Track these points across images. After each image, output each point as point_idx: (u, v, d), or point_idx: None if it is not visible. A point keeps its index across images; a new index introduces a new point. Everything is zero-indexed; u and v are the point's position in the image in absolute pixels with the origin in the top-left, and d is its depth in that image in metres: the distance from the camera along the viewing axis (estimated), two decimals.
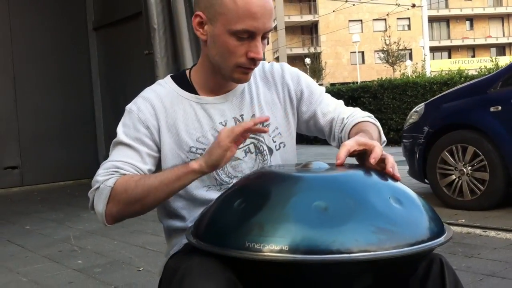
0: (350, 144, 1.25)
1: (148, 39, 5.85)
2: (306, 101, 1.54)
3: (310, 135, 1.62)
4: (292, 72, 1.56)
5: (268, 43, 1.42)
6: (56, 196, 7.11)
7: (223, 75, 1.41)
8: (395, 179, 1.21)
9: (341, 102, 1.59)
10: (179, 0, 5.56)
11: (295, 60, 50.04)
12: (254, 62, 1.36)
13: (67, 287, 3.11)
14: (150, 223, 4.52)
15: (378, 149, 1.24)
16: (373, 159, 1.22)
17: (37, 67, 8.18)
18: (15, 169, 8.06)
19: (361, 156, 1.28)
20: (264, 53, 1.42)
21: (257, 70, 1.53)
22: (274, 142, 1.50)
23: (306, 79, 1.57)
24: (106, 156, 5.73)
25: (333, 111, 1.54)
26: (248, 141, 1.46)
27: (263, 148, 1.48)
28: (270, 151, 1.49)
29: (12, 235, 4.65)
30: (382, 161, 1.24)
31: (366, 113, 1.55)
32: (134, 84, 7.35)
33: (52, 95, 8.26)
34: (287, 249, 1.05)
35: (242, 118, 1.47)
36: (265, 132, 1.38)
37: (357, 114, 1.53)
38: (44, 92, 8.21)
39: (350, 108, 1.57)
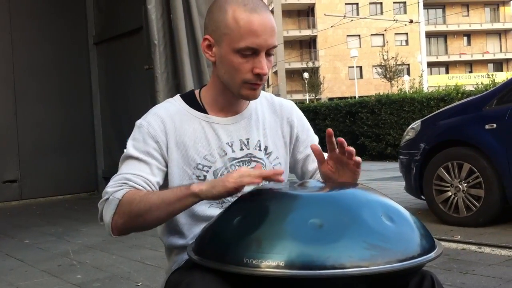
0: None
1: (149, 54, 5.91)
2: (303, 143, 1.64)
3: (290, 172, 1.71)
4: (299, 113, 1.67)
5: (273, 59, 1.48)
6: (55, 210, 7.13)
7: (233, 92, 1.47)
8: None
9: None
10: (180, 16, 5.64)
11: (293, 75, 50.29)
12: (260, 77, 1.42)
13: None
14: (148, 237, 4.55)
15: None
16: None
17: (37, 80, 8.23)
18: (14, 183, 8.07)
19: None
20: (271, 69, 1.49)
21: (265, 101, 1.63)
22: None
23: (308, 124, 1.69)
24: (105, 170, 5.84)
25: None
26: (252, 164, 1.52)
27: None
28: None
29: (11, 249, 4.67)
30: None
31: None
32: (134, 99, 7.41)
33: (52, 108, 8.30)
34: (283, 264, 1.09)
35: (248, 142, 1.53)
36: (280, 181, 1.32)
37: None
38: (44, 105, 8.25)
39: None
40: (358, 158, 1.41)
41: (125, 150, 1.49)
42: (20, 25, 8.13)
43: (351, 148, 1.40)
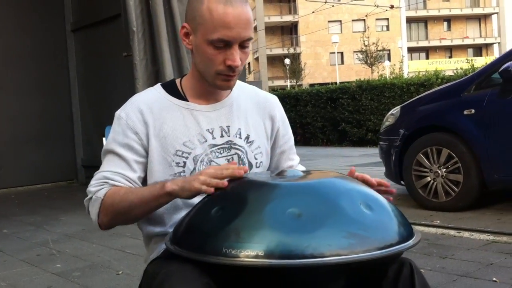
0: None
1: (127, 41, 5.84)
2: (282, 139, 1.67)
3: None
4: (281, 109, 1.69)
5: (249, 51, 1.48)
6: (34, 199, 7.06)
7: (208, 82, 1.47)
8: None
9: (299, 159, 1.76)
10: (159, 2, 5.57)
11: (274, 61, 50.21)
12: (232, 69, 1.42)
13: None
14: (128, 226, 4.51)
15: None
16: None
17: (14, 68, 8.11)
18: None
19: None
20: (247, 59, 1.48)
21: (249, 92, 1.63)
22: (256, 159, 1.57)
23: (287, 121, 1.71)
24: (84, 159, 5.80)
25: (295, 163, 1.72)
26: (232, 151, 1.52)
27: (245, 160, 1.54)
28: (250, 166, 1.55)
29: None
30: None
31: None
32: (113, 86, 7.34)
33: (30, 97, 8.19)
34: (263, 254, 1.09)
35: (228, 129, 1.53)
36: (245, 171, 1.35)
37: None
38: (21, 94, 8.14)
39: (300, 166, 1.74)
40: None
41: (105, 142, 1.50)
42: None
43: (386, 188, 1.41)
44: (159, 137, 1.47)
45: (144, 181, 1.50)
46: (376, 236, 1.15)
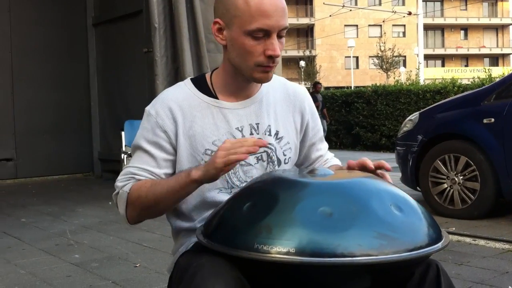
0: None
1: (148, 37, 5.90)
2: (312, 132, 1.67)
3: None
4: (310, 101, 1.68)
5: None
6: (50, 190, 7.14)
7: (245, 76, 1.47)
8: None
9: (327, 145, 1.77)
10: (181, 0, 5.62)
11: (289, 63, 50.11)
12: (272, 59, 1.42)
13: (65, 281, 3.15)
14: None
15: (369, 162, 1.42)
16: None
17: (35, 60, 8.20)
18: (10, 161, 8.08)
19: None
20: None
21: (279, 85, 1.62)
22: (285, 155, 1.57)
23: (317, 113, 1.71)
24: (100, 152, 5.88)
25: (323, 152, 1.72)
26: (261, 149, 1.51)
27: (274, 157, 1.55)
28: (279, 162, 1.55)
29: (8, 227, 4.68)
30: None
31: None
32: (132, 81, 7.40)
33: (49, 89, 8.28)
34: (294, 251, 1.11)
35: (258, 127, 1.53)
36: (264, 145, 1.38)
37: (332, 160, 1.74)
38: (41, 86, 8.23)
39: (329, 153, 1.76)
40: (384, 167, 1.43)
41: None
42: (19, 3, 8.09)
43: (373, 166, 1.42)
44: (188, 135, 1.48)
45: None
46: (406, 238, 1.16)
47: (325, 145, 1.73)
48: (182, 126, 1.48)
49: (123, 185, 1.46)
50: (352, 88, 16.30)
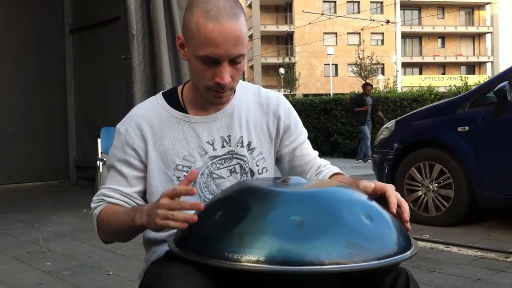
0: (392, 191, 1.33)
1: (126, 44, 5.88)
2: (290, 136, 1.61)
3: (275, 166, 1.67)
4: (286, 105, 1.62)
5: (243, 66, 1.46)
6: (24, 197, 7.05)
7: (200, 96, 1.47)
8: (405, 228, 1.30)
9: (317, 153, 1.70)
10: (159, 8, 5.61)
11: (269, 70, 50.33)
12: (221, 86, 1.38)
13: None
14: None
15: (394, 198, 1.32)
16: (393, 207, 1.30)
17: (10, 66, 8.10)
18: None
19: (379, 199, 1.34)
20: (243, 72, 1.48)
21: (252, 95, 1.60)
22: (257, 166, 1.55)
23: (296, 116, 1.65)
24: (76, 159, 5.82)
25: (312, 158, 1.65)
26: (234, 161, 1.52)
27: (247, 169, 1.54)
28: (252, 173, 1.54)
29: None
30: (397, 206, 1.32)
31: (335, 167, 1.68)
32: (109, 88, 7.35)
33: (25, 95, 8.18)
34: (264, 260, 1.11)
35: (229, 139, 1.52)
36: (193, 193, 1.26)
37: (331, 166, 1.67)
38: (16, 92, 8.13)
39: (323, 160, 1.69)
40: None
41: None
42: None
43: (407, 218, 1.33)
44: (159, 151, 1.48)
45: (144, 194, 1.52)
46: (375, 247, 1.17)
47: (314, 152, 1.67)
48: (152, 143, 1.48)
49: (95, 206, 1.50)
50: (331, 96, 16.37)
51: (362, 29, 34.76)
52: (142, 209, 1.32)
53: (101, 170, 5.81)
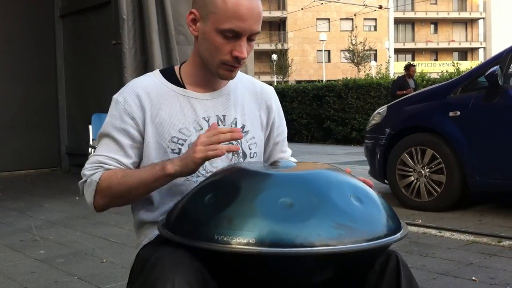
0: None
1: (117, 29, 5.82)
2: (276, 131, 1.70)
3: None
4: (277, 100, 1.72)
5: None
6: (17, 185, 7.02)
7: (210, 70, 1.49)
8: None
9: (291, 151, 1.81)
10: None
11: (262, 56, 50.12)
12: (238, 60, 1.44)
13: (30, 277, 3.10)
14: (113, 215, 4.52)
15: None
16: None
17: (0, 52, 8.03)
18: None
19: None
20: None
21: (247, 83, 1.66)
22: (250, 149, 1.58)
23: (282, 113, 1.74)
24: (68, 146, 5.77)
25: (287, 155, 1.76)
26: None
27: (240, 150, 1.55)
28: (245, 155, 1.57)
29: None
30: None
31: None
32: (100, 74, 7.30)
33: (15, 82, 8.11)
34: (254, 242, 1.12)
35: (224, 118, 1.55)
36: (240, 138, 1.41)
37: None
38: (6, 78, 8.07)
39: (293, 158, 1.78)
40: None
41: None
42: None
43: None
44: (155, 123, 1.48)
45: (138, 166, 1.51)
46: (365, 228, 1.18)
47: (289, 150, 1.78)
48: (150, 113, 1.49)
49: (91, 173, 1.46)
50: (324, 82, 16.35)
51: (355, 15, 34.63)
52: (172, 159, 1.38)
53: None
